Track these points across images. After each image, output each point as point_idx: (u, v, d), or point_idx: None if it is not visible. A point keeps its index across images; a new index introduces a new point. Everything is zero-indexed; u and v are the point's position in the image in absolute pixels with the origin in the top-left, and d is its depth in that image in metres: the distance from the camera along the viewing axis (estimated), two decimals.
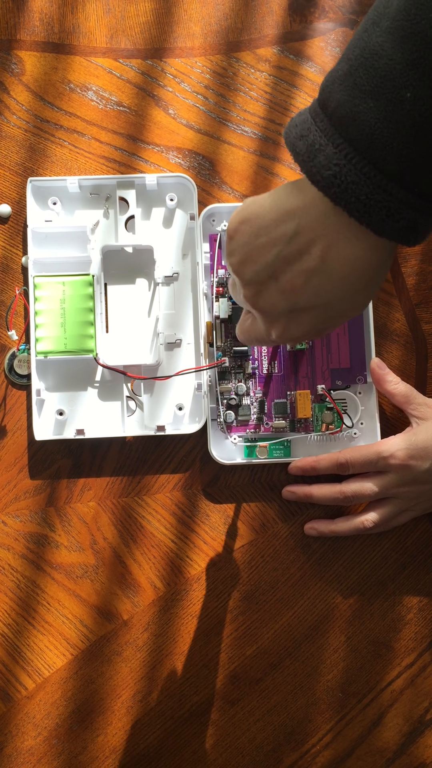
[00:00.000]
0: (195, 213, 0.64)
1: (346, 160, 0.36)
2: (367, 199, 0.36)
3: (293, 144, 0.39)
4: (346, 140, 0.37)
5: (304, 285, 0.40)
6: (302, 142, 0.38)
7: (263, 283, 0.41)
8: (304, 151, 0.38)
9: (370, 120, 0.35)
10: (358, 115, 0.36)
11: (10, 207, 0.65)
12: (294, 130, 0.39)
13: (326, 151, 0.37)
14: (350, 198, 0.37)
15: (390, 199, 0.37)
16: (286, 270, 0.40)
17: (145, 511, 0.64)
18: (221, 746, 0.63)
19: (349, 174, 0.36)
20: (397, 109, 0.35)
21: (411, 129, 0.35)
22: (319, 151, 0.37)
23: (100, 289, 0.64)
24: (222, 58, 0.66)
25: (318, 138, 0.37)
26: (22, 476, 0.64)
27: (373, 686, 0.64)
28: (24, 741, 0.63)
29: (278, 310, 0.42)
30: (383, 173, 0.36)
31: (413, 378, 0.65)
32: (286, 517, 0.64)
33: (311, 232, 0.39)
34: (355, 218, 0.37)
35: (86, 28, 0.66)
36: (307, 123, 0.38)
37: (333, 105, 0.37)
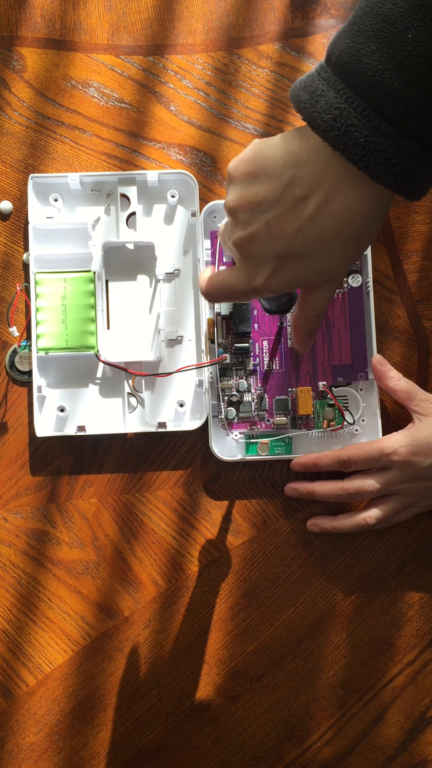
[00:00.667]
0: (196, 210, 0.64)
1: (347, 104, 0.37)
2: (365, 141, 0.37)
3: (296, 95, 0.39)
4: (348, 86, 0.37)
5: (296, 232, 0.40)
6: (305, 91, 0.39)
7: (256, 225, 0.41)
8: (306, 98, 0.39)
9: (371, 63, 0.36)
10: (360, 59, 0.37)
11: (12, 204, 0.65)
12: (298, 84, 0.40)
13: (327, 97, 0.38)
14: (349, 141, 0.37)
15: (388, 143, 0.37)
16: (280, 215, 0.40)
17: (146, 508, 0.64)
18: (222, 743, 0.63)
19: (349, 117, 0.37)
20: (399, 50, 0.36)
21: (411, 70, 0.36)
22: (321, 96, 0.38)
23: (102, 285, 0.64)
24: (223, 54, 0.66)
25: (320, 86, 0.38)
26: (24, 473, 0.64)
27: (375, 683, 0.64)
28: (25, 737, 0.63)
29: (266, 254, 0.42)
30: (383, 116, 0.37)
31: (415, 375, 0.65)
32: (288, 514, 0.64)
33: (310, 180, 0.39)
34: (353, 162, 0.38)
35: (88, 25, 0.66)
36: (311, 76, 0.39)
37: (336, 54, 0.38)
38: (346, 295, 0.64)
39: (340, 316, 0.64)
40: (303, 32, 0.66)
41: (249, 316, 0.63)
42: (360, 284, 0.64)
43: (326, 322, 0.64)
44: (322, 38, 0.66)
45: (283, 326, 0.64)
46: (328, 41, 0.66)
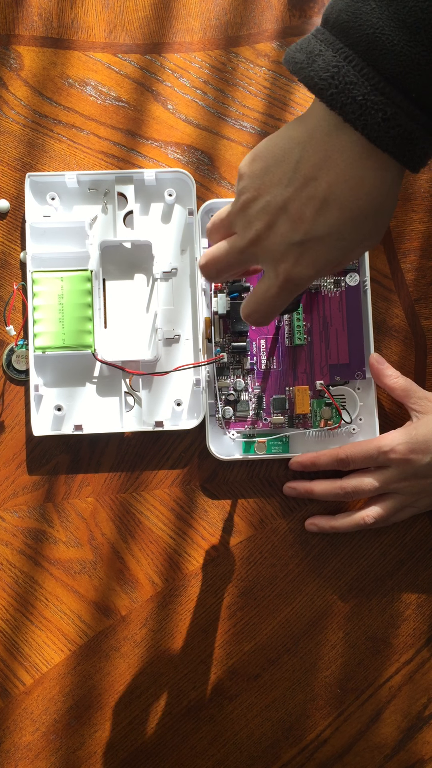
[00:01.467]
0: (194, 208, 0.64)
1: (345, 62, 0.36)
2: (363, 99, 0.36)
3: (292, 56, 0.38)
4: (347, 44, 0.37)
5: (315, 213, 0.39)
6: (301, 53, 0.38)
7: (273, 216, 0.40)
8: (302, 59, 0.38)
9: (371, 20, 0.35)
10: (359, 17, 0.36)
11: (9, 202, 0.65)
12: (294, 47, 0.39)
13: (325, 56, 0.37)
14: (346, 99, 0.36)
15: (387, 102, 0.36)
16: (295, 198, 0.39)
17: (143, 507, 0.64)
18: (219, 742, 0.63)
19: (347, 74, 0.36)
20: (400, 6, 0.35)
21: (413, 26, 0.35)
22: (318, 56, 0.37)
23: (99, 284, 0.64)
24: (221, 53, 0.66)
25: (317, 46, 0.37)
26: (20, 472, 0.64)
27: (372, 682, 0.64)
28: (22, 736, 0.63)
29: (288, 242, 0.40)
30: (382, 75, 0.36)
31: (413, 374, 0.65)
32: (285, 513, 0.64)
33: (316, 158, 0.39)
34: (350, 122, 0.37)
35: (85, 23, 0.66)
36: (307, 39, 0.39)
37: (335, 15, 0.37)
38: (344, 294, 0.64)
39: (338, 314, 0.64)
40: (300, 30, 0.66)
41: None
42: (357, 283, 0.64)
43: (323, 321, 0.64)
44: None
45: (281, 325, 0.64)
46: None
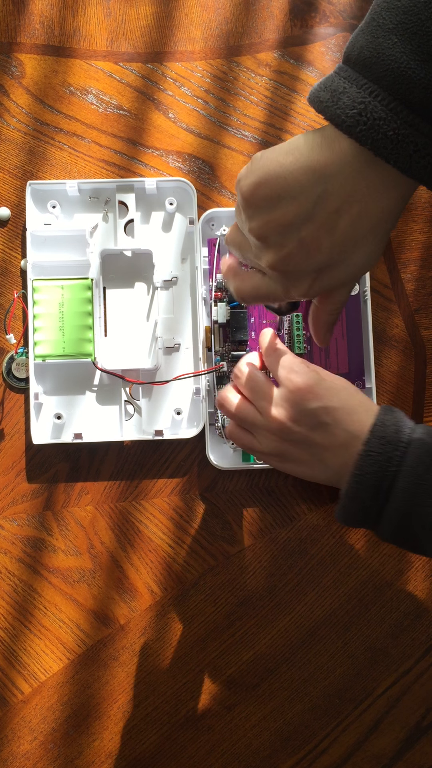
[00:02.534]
0: (194, 217, 0.64)
1: (371, 98, 0.36)
2: (394, 135, 0.36)
3: (316, 95, 0.38)
4: (371, 80, 0.37)
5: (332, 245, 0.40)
6: (325, 91, 0.38)
7: (290, 245, 0.41)
8: (327, 97, 0.38)
9: (395, 54, 0.36)
10: (382, 52, 0.36)
11: (10, 210, 0.65)
12: (317, 87, 0.39)
13: (350, 93, 0.37)
14: (377, 135, 0.36)
15: (417, 134, 0.36)
16: (313, 232, 0.40)
17: (142, 516, 0.64)
18: (218, 751, 0.63)
19: (375, 110, 0.36)
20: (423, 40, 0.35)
21: None
22: (343, 93, 0.37)
23: (99, 292, 0.64)
24: (222, 62, 0.66)
25: (341, 83, 0.37)
26: (20, 480, 0.64)
27: (370, 692, 0.63)
28: (20, 745, 0.63)
29: (304, 270, 0.41)
30: (410, 108, 0.36)
31: (412, 384, 0.65)
32: (284, 523, 0.64)
33: (342, 193, 0.38)
34: (383, 156, 0.37)
35: (87, 32, 0.66)
36: (330, 77, 0.39)
37: (356, 52, 0.37)
38: None
39: (338, 324, 0.64)
40: (302, 40, 0.66)
41: (246, 324, 0.63)
42: (357, 293, 0.64)
43: None
44: (321, 46, 0.66)
45: (280, 333, 0.64)
46: (327, 50, 0.66)
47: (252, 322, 0.64)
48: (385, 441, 0.47)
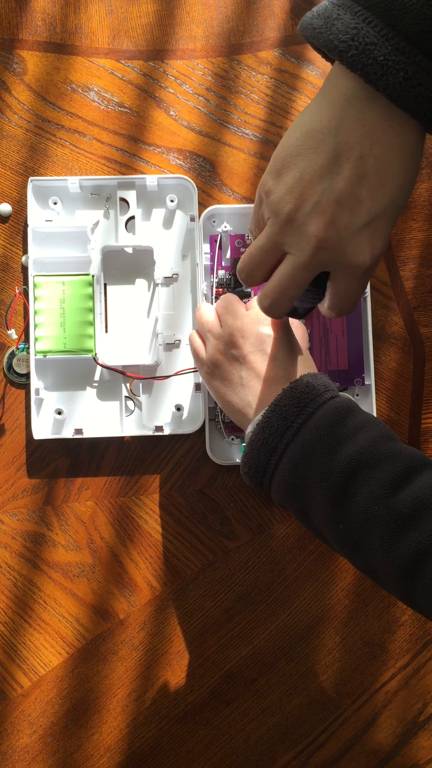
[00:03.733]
0: (195, 214, 0.64)
1: (364, 23, 0.37)
2: (384, 60, 0.36)
3: (309, 23, 0.39)
4: (365, 7, 0.37)
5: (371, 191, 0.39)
6: (319, 18, 0.38)
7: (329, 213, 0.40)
8: (321, 24, 0.38)
9: None
10: None
11: (11, 206, 0.66)
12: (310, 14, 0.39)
13: (344, 19, 0.37)
14: (367, 60, 0.37)
15: (408, 62, 0.36)
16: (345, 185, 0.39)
17: (142, 511, 0.64)
18: (216, 745, 0.63)
19: (367, 35, 0.37)
20: None
21: None
22: (337, 19, 0.38)
23: (100, 289, 0.64)
24: (223, 60, 0.67)
25: (335, 11, 0.38)
26: (20, 475, 0.64)
27: (368, 687, 0.64)
28: (19, 739, 0.63)
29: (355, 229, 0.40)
30: (402, 35, 0.36)
31: (410, 381, 0.66)
32: (283, 518, 0.64)
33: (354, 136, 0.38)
34: (372, 82, 0.37)
35: (89, 29, 0.66)
36: (323, 5, 0.39)
37: None
38: None
39: (338, 321, 0.64)
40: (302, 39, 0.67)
41: None
42: None
43: (323, 328, 0.64)
44: None
45: None
46: None
47: None
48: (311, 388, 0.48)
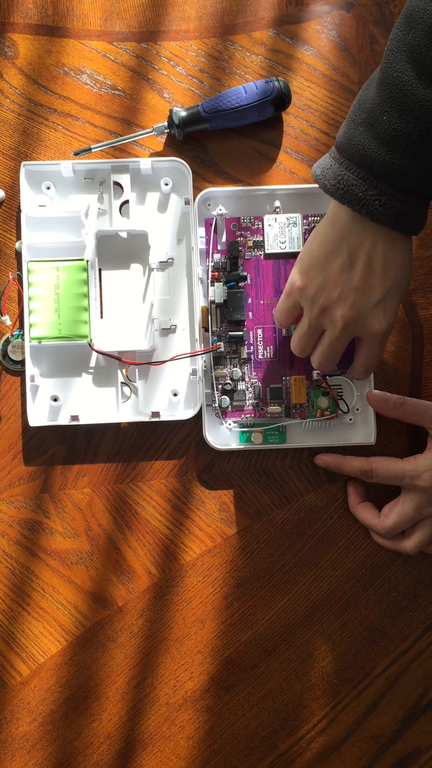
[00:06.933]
0: (190, 198, 0.64)
1: (347, 171, 0.51)
2: (363, 195, 0.51)
3: (314, 171, 0.54)
4: (347, 158, 0.51)
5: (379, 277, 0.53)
6: (319, 168, 0.54)
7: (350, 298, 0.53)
8: (320, 173, 0.53)
9: (361, 140, 0.50)
10: (353, 138, 0.51)
11: (4, 192, 0.65)
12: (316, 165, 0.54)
13: (333, 168, 0.52)
14: (352, 197, 0.51)
15: (380, 194, 0.50)
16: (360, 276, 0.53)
17: (140, 498, 0.64)
18: (216, 732, 0.63)
19: (349, 179, 0.51)
20: (378, 129, 0.49)
21: (388, 142, 0.49)
22: (329, 169, 0.52)
23: (95, 274, 0.64)
24: (217, 41, 0.66)
25: (329, 161, 0.53)
26: (17, 462, 0.64)
27: (368, 672, 0.64)
28: (19, 727, 0.63)
29: (371, 306, 0.53)
30: (374, 176, 0.50)
31: (409, 364, 0.65)
32: (282, 504, 0.64)
33: (364, 243, 0.52)
34: (357, 211, 0.51)
35: (80, 11, 0.66)
36: (325, 157, 0.54)
37: (339, 139, 0.53)
38: None
39: None
40: (297, 18, 0.66)
41: (243, 304, 0.63)
42: None
43: None
44: (316, 25, 0.66)
45: None
46: (323, 28, 0.65)
47: (249, 302, 0.63)
48: None
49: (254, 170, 0.65)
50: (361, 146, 0.50)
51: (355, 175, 0.51)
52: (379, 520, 0.61)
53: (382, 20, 0.66)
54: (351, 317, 0.54)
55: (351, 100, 0.66)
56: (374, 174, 0.50)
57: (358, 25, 0.66)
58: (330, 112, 0.66)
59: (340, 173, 0.51)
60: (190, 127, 0.63)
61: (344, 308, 0.54)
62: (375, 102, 0.50)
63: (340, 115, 0.66)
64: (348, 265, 0.53)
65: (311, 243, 0.55)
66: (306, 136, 0.66)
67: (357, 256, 0.53)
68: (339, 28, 0.66)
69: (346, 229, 0.53)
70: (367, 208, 0.51)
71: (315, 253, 0.54)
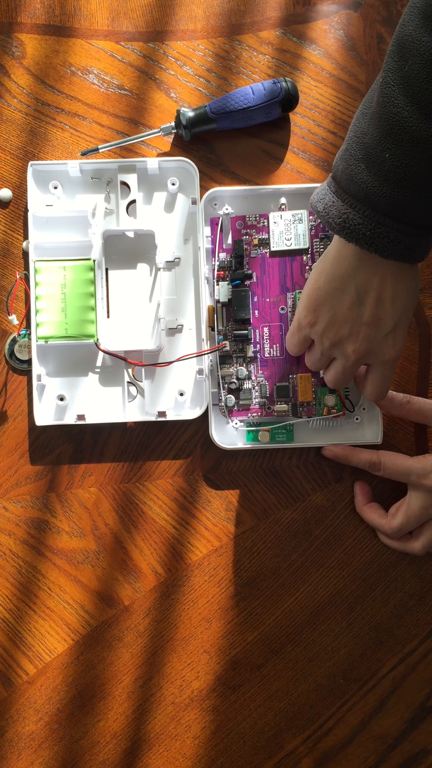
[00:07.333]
0: (197, 197, 0.64)
1: (351, 209, 0.50)
2: (371, 234, 0.49)
3: (315, 206, 0.53)
4: (351, 195, 0.50)
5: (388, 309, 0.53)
6: (320, 203, 0.52)
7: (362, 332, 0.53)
8: (322, 209, 0.52)
9: (363, 179, 0.49)
10: (355, 177, 0.49)
11: (11, 191, 0.65)
12: (315, 197, 0.53)
13: (337, 205, 0.51)
14: (359, 236, 0.50)
15: (388, 231, 0.49)
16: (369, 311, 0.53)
17: (146, 497, 0.64)
18: (222, 731, 0.63)
19: (354, 218, 0.50)
20: (381, 167, 0.48)
21: (393, 179, 0.47)
22: (332, 206, 0.51)
23: (101, 274, 0.64)
24: (224, 40, 0.66)
25: (331, 198, 0.51)
26: (23, 462, 0.64)
27: (375, 672, 0.63)
28: (25, 726, 0.63)
29: (382, 337, 0.53)
30: (380, 213, 0.49)
31: (416, 364, 0.65)
32: (288, 503, 0.64)
33: (368, 277, 0.52)
34: (365, 249, 0.50)
35: (87, 11, 0.66)
36: (324, 190, 0.52)
37: (338, 174, 0.51)
38: None
39: None
40: (304, 18, 0.66)
41: (248, 302, 0.63)
42: None
43: None
44: (324, 24, 0.66)
45: (285, 311, 0.63)
46: (330, 28, 0.65)
47: (255, 300, 0.63)
48: None
49: (261, 170, 0.65)
50: (365, 185, 0.49)
51: (361, 213, 0.49)
52: (386, 521, 0.61)
53: (389, 19, 0.66)
54: (363, 351, 0.54)
55: (358, 100, 0.66)
56: (380, 212, 0.49)
57: (366, 25, 0.66)
58: (337, 112, 0.66)
59: (344, 212, 0.50)
60: (198, 128, 0.63)
61: (355, 343, 0.54)
62: (375, 138, 0.48)
63: (347, 115, 0.66)
64: (357, 301, 0.52)
65: (317, 280, 0.54)
66: (313, 135, 0.66)
67: (366, 292, 0.52)
68: (346, 28, 0.66)
69: (353, 267, 0.52)
70: (375, 246, 0.50)
71: (322, 290, 0.54)
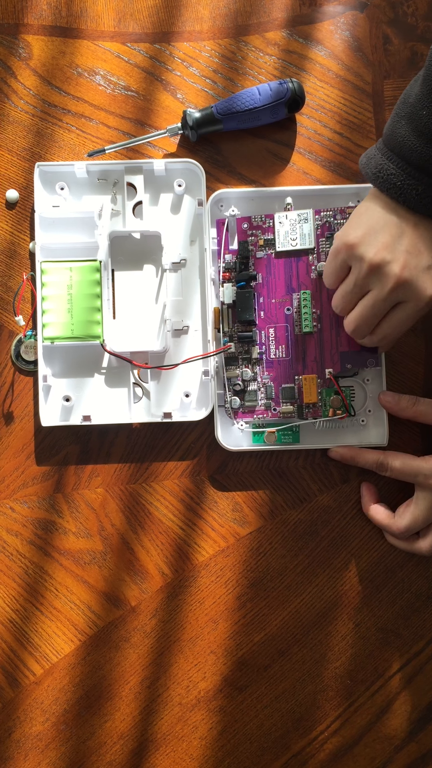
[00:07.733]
0: (203, 198, 0.64)
1: (387, 161, 0.55)
2: (401, 184, 0.54)
3: (360, 161, 0.57)
4: (389, 149, 0.55)
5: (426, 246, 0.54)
6: (365, 157, 0.57)
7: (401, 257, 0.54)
8: (365, 162, 0.57)
9: (402, 133, 0.54)
10: (396, 131, 0.54)
11: (18, 192, 0.65)
12: (363, 155, 0.57)
13: (376, 158, 0.56)
14: (390, 185, 0.54)
15: (417, 184, 0.53)
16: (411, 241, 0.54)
17: (153, 498, 0.64)
18: (229, 732, 0.63)
19: (389, 169, 0.54)
20: (419, 122, 0.53)
21: (427, 134, 0.52)
22: (372, 158, 0.56)
23: (108, 275, 0.64)
24: (230, 41, 0.66)
25: (374, 152, 0.56)
26: (30, 462, 0.64)
27: (382, 673, 0.63)
28: (32, 726, 0.63)
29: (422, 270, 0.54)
30: (412, 166, 0.53)
31: (423, 364, 0.65)
32: (295, 504, 0.64)
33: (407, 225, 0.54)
34: (395, 199, 0.54)
35: (94, 12, 0.66)
36: (372, 148, 0.57)
37: (384, 131, 0.56)
38: None
39: None
40: (310, 19, 0.66)
41: (253, 304, 0.63)
42: None
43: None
44: (330, 25, 0.66)
45: (290, 312, 0.63)
46: (336, 28, 0.65)
47: (261, 301, 0.63)
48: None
49: (267, 171, 0.65)
50: (402, 138, 0.53)
51: (395, 165, 0.54)
52: (393, 521, 0.61)
53: (395, 20, 0.66)
54: (404, 278, 0.54)
55: (365, 101, 0.66)
56: (413, 165, 0.53)
57: (372, 26, 0.66)
58: (343, 113, 0.66)
59: (381, 163, 0.55)
60: (204, 129, 0.63)
61: (398, 267, 0.54)
62: (418, 97, 0.53)
63: (353, 116, 0.66)
64: (398, 234, 0.54)
65: (359, 216, 0.56)
66: (319, 136, 0.66)
67: (403, 231, 0.54)
68: (352, 29, 0.66)
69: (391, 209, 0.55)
70: (404, 197, 0.53)
71: (363, 219, 0.56)
